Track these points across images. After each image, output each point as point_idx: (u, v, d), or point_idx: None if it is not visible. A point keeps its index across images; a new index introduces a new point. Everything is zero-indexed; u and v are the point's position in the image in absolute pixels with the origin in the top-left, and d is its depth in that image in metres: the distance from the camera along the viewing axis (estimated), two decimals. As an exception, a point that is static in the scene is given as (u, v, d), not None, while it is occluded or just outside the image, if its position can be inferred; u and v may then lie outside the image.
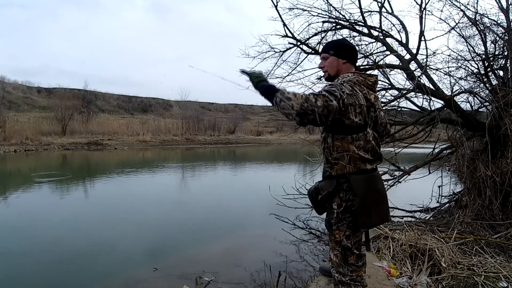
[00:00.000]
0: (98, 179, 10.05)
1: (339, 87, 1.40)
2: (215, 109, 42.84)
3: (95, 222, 5.33)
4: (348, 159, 1.47)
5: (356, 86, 1.48)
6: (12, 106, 27.37)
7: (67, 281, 3.29)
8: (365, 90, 1.51)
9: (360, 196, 1.45)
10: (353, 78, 1.52)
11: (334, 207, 1.52)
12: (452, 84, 4.47)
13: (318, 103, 1.31)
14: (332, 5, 4.90)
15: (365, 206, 1.46)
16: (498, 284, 2.30)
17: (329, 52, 1.64)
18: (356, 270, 1.54)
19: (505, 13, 4.55)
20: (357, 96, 1.45)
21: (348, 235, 1.51)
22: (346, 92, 1.40)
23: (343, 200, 1.49)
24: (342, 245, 1.52)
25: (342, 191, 1.49)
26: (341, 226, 1.51)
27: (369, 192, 1.47)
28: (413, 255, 2.77)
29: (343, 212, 1.50)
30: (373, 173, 1.52)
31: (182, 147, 24.24)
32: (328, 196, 1.53)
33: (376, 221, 1.57)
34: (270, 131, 35.09)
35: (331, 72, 1.64)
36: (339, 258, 1.54)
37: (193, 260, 3.75)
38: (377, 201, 1.51)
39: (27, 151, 18.08)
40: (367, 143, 1.49)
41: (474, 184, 4.04)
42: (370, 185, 1.48)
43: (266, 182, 6.61)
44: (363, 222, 1.48)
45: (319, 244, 4.24)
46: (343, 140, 1.47)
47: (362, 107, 1.45)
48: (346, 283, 1.54)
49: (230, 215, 5.90)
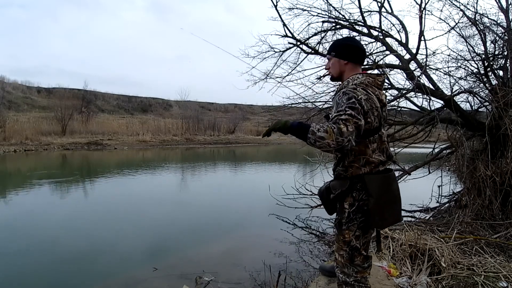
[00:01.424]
0: (98, 179, 10.04)
1: (355, 96, 1.39)
2: (215, 109, 42.85)
3: (95, 222, 5.32)
4: (363, 162, 1.47)
5: (368, 88, 1.48)
6: (12, 106, 27.38)
7: (67, 281, 3.29)
8: (377, 91, 1.51)
9: (375, 196, 1.44)
10: (364, 80, 1.51)
11: (345, 206, 1.51)
12: (452, 84, 4.47)
13: (350, 129, 1.31)
14: (331, 5, 4.90)
15: (379, 206, 1.45)
16: (498, 284, 2.30)
17: (331, 54, 1.65)
18: (362, 271, 1.54)
19: (505, 13, 4.56)
20: (373, 99, 1.45)
21: (358, 236, 1.50)
22: (363, 99, 1.40)
23: (356, 199, 1.48)
24: (350, 246, 1.51)
25: (356, 190, 1.48)
26: (351, 226, 1.50)
27: (383, 192, 1.46)
28: (413, 255, 2.77)
29: (354, 212, 1.49)
30: (389, 173, 1.52)
31: (182, 147, 24.24)
32: (340, 196, 1.52)
33: (389, 222, 1.56)
34: (270, 131, 35.03)
35: (334, 73, 1.66)
36: (345, 259, 1.53)
37: (193, 260, 3.75)
38: (391, 201, 1.50)
39: (27, 151, 18.07)
40: (382, 143, 1.50)
41: (474, 184, 4.04)
42: (385, 185, 1.48)
43: (266, 182, 6.61)
44: (376, 222, 1.48)
45: (319, 244, 4.24)
46: (360, 144, 1.46)
47: (378, 109, 1.46)
48: (350, 284, 1.53)
49: (230, 215, 5.90)
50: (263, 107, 30.99)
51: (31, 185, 8.59)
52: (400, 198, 1.57)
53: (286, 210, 5.20)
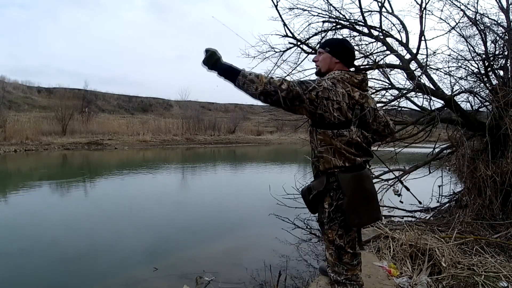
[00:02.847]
0: (98, 179, 10.05)
1: (317, 82, 1.44)
2: (215, 109, 42.86)
3: (95, 222, 5.32)
4: (332, 152, 1.48)
5: (339, 83, 1.49)
6: (12, 106, 27.38)
7: (67, 281, 3.28)
8: (349, 88, 1.50)
9: (348, 195, 1.45)
10: (338, 75, 1.52)
11: (325, 206, 1.52)
12: (452, 84, 4.46)
13: (282, 86, 1.37)
14: (332, 5, 4.89)
15: (353, 205, 1.45)
16: (498, 284, 2.30)
17: (325, 48, 1.64)
18: (351, 269, 1.54)
19: (505, 13, 4.55)
20: (336, 92, 1.45)
21: (341, 234, 1.51)
22: (323, 86, 1.42)
23: (334, 199, 1.49)
24: (335, 244, 1.52)
25: (332, 190, 1.49)
26: (333, 225, 1.51)
27: (356, 191, 1.47)
28: (413, 255, 2.77)
29: (334, 212, 1.50)
30: (361, 172, 1.51)
31: (182, 147, 24.23)
32: (319, 196, 1.53)
33: (365, 220, 1.55)
34: (270, 131, 35.10)
35: (322, 68, 1.64)
36: (333, 257, 1.54)
37: (193, 260, 3.74)
38: (365, 200, 1.50)
39: (27, 151, 18.07)
40: (351, 140, 1.49)
41: (474, 184, 4.03)
42: (358, 184, 1.48)
43: (266, 182, 6.61)
44: (353, 221, 1.48)
45: (319, 244, 4.23)
46: (325, 134, 1.48)
47: (340, 103, 1.45)
48: (342, 283, 1.54)
49: (230, 215, 5.90)
50: (263, 107, 30.96)
51: (31, 185, 8.60)
52: (376, 196, 1.58)
53: (286, 210, 5.19)
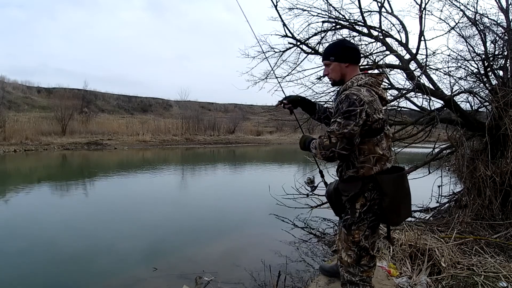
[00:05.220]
0: (98, 179, 10.04)
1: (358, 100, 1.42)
2: (215, 109, 42.81)
3: (95, 222, 5.32)
4: (374, 161, 1.50)
5: (373, 88, 1.53)
6: (12, 106, 27.35)
7: (67, 281, 3.28)
8: (380, 90, 1.56)
9: (390, 195, 1.48)
10: (368, 80, 1.55)
11: (357, 207, 1.53)
12: (452, 84, 4.46)
13: (333, 141, 1.41)
14: (332, 5, 4.90)
15: (395, 204, 1.49)
16: (498, 284, 2.30)
17: (329, 59, 1.64)
18: (367, 270, 1.57)
19: (505, 13, 4.55)
20: (377, 101, 1.50)
21: (367, 235, 1.54)
22: (366, 102, 1.43)
23: (368, 200, 1.51)
24: (359, 246, 1.54)
25: (368, 191, 1.51)
26: (361, 226, 1.53)
27: (398, 190, 1.51)
28: (413, 255, 2.77)
29: (365, 212, 1.52)
30: (402, 172, 1.57)
31: (182, 147, 24.22)
32: (352, 197, 1.55)
33: (403, 218, 1.64)
34: (270, 131, 35.06)
35: (335, 78, 1.65)
36: (352, 259, 1.56)
37: (193, 260, 3.74)
38: (405, 199, 1.55)
39: (27, 151, 18.05)
40: (387, 140, 1.56)
41: (474, 184, 4.04)
42: (400, 184, 1.53)
43: (266, 182, 6.60)
44: (392, 220, 1.55)
45: (319, 244, 4.24)
46: (369, 143, 1.50)
47: (382, 110, 1.53)
48: (355, 283, 1.56)
49: (230, 215, 5.90)
50: (263, 107, 30.99)
51: (31, 185, 8.59)
52: (410, 195, 1.61)
53: (286, 210, 5.20)
